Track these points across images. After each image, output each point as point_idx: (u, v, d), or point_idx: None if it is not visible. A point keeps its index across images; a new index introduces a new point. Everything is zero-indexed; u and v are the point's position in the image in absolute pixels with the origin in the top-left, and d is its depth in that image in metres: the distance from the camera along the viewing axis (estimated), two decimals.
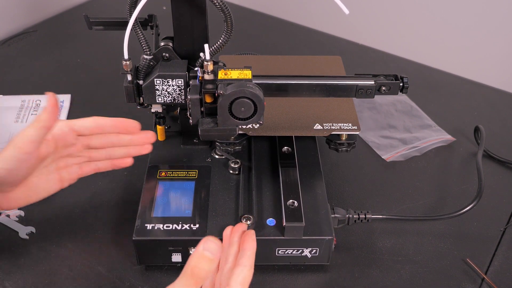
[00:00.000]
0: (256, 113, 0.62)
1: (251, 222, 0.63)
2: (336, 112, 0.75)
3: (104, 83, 1.00)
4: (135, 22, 0.64)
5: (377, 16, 1.51)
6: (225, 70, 0.63)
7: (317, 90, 0.67)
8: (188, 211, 0.65)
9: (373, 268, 0.67)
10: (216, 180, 0.70)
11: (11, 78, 1.02)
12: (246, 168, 0.72)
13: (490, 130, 0.92)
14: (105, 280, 0.64)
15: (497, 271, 0.68)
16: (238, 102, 0.61)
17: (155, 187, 0.68)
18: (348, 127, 0.72)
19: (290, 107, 0.76)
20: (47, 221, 0.71)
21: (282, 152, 0.73)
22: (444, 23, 1.43)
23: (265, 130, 0.72)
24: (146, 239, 0.62)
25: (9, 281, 0.64)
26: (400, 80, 0.66)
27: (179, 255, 0.64)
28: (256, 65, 0.84)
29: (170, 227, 0.63)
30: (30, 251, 0.67)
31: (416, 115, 0.95)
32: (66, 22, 1.23)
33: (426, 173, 0.83)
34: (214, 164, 0.72)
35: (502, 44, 1.38)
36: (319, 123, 0.73)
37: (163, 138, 0.76)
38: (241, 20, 1.25)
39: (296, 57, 0.89)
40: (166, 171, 0.71)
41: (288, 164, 0.70)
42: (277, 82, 0.66)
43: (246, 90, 0.60)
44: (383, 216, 0.70)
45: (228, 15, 0.62)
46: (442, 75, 1.08)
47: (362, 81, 0.67)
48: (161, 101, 0.67)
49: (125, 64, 0.64)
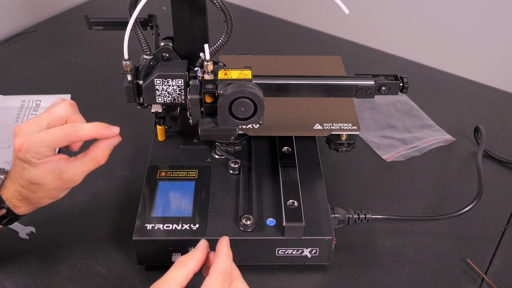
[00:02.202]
0: (256, 113, 0.62)
1: (251, 222, 0.62)
2: (336, 112, 0.75)
3: (104, 83, 1.00)
4: (135, 22, 0.64)
5: (377, 16, 1.51)
6: (225, 70, 0.63)
7: (317, 90, 0.67)
8: (188, 211, 0.65)
9: (373, 268, 0.67)
10: (216, 180, 0.70)
11: (11, 78, 1.02)
12: (246, 168, 0.72)
13: (490, 130, 0.92)
14: (105, 280, 0.64)
15: (497, 271, 0.68)
16: (238, 102, 0.61)
17: (155, 187, 0.68)
18: (348, 127, 0.72)
19: (290, 107, 0.76)
20: (47, 221, 0.71)
21: (282, 152, 0.72)
22: (444, 23, 1.43)
23: (265, 130, 0.72)
24: (146, 239, 0.62)
25: (9, 281, 0.64)
26: (400, 80, 0.66)
27: (179, 255, 0.63)
28: (256, 65, 0.84)
29: (170, 227, 0.63)
30: (30, 251, 0.67)
31: (416, 115, 0.95)
32: (66, 22, 1.23)
33: (426, 173, 0.83)
34: (214, 164, 0.72)
35: (502, 44, 1.38)
36: (319, 123, 0.73)
37: (163, 138, 0.76)
38: (241, 20, 1.25)
39: (296, 57, 0.89)
40: (166, 171, 0.71)
41: (288, 164, 0.70)
42: (277, 82, 0.66)
43: (246, 90, 0.60)
44: (383, 216, 0.70)
45: (228, 15, 0.62)
46: (442, 75, 1.08)
47: (362, 81, 0.67)
48: (161, 101, 0.67)
49: (125, 64, 0.64)
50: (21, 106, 0.92)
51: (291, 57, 0.89)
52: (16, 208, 0.60)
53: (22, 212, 0.61)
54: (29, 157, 0.56)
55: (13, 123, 0.88)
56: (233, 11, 0.63)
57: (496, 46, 1.39)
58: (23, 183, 0.58)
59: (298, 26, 1.24)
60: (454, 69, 1.09)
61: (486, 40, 1.40)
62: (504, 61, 1.40)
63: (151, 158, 0.73)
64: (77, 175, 0.59)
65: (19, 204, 0.60)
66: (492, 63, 1.41)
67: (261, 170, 0.71)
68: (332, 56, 0.90)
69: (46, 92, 0.96)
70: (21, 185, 0.58)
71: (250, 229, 0.63)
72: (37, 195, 0.59)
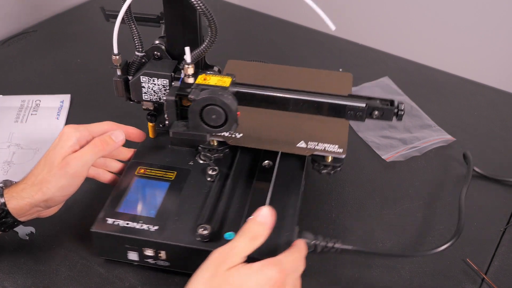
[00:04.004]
0: (227, 122, 0.60)
1: (208, 232, 0.60)
2: (326, 131, 0.71)
3: (104, 83, 1.00)
4: (130, 17, 0.65)
5: (377, 16, 1.51)
6: (206, 75, 0.63)
7: (304, 106, 0.63)
8: (153, 212, 0.64)
9: (373, 268, 0.67)
10: (191, 185, 0.68)
11: (11, 78, 1.02)
12: (223, 177, 0.70)
13: (490, 130, 0.92)
14: (105, 280, 0.64)
15: (497, 271, 0.68)
16: (209, 109, 0.60)
17: (130, 183, 0.68)
18: (334, 149, 0.68)
19: (281, 120, 0.72)
20: (46, 221, 0.71)
21: (262, 166, 0.70)
22: (444, 23, 1.43)
23: (246, 141, 0.69)
24: (103, 232, 0.62)
25: (9, 281, 0.64)
26: (395, 107, 0.62)
27: (135, 254, 0.63)
28: (260, 73, 0.82)
29: (129, 224, 0.62)
30: (30, 251, 0.67)
31: (416, 115, 0.95)
32: (66, 22, 1.23)
33: (426, 173, 0.83)
34: (195, 168, 0.70)
35: (502, 44, 1.38)
36: (304, 140, 0.69)
37: (153, 136, 0.75)
38: (241, 20, 1.25)
39: (306, 69, 0.85)
40: (146, 168, 0.70)
41: (263, 179, 0.68)
42: (262, 92, 0.63)
43: (216, 97, 0.59)
44: (352, 248, 0.62)
45: (211, 20, 0.60)
46: (442, 75, 1.08)
47: (353, 102, 0.62)
48: (147, 98, 0.68)
49: (114, 58, 0.64)
50: (21, 106, 0.92)
51: (301, 68, 0.85)
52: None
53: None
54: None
55: (12, 123, 0.88)
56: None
57: (496, 46, 1.39)
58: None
59: (298, 26, 1.24)
60: (454, 69, 1.09)
61: (486, 40, 1.40)
62: (504, 61, 1.40)
63: (137, 153, 0.73)
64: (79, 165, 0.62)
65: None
66: (492, 63, 1.41)
67: (236, 182, 0.69)
68: (344, 73, 0.86)
69: (46, 92, 0.96)
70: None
71: (206, 239, 0.61)
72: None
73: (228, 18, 1.24)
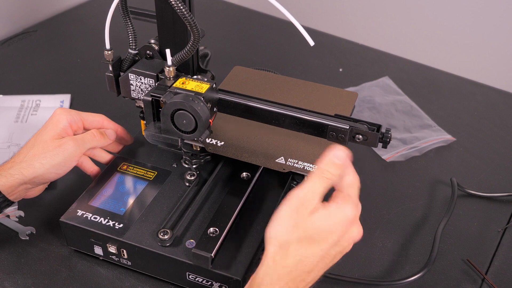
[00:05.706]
0: (197, 129, 0.60)
1: (168, 237, 0.59)
2: (311, 149, 0.68)
3: (103, 83, 0.99)
4: (126, 13, 0.65)
5: (377, 16, 1.51)
6: (186, 79, 0.62)
7: (286, 121, 0.62)
8: (123, 209, 0.64)
9: (373, 268, 0.67)
10: (167, 187, 0.68)
11: (11, 78, 1.02)
12: (201, 183, 0.68)
13: (490, 130, 0.92)
14: (105, 280, 0.64)
15: (497, 271, 0.68)
16: (179, 114, 0.59)
17: (109, 177, 0.68)
18: (312, 169, 0.65)
19: (265, 134, 0.70)
20: (46, 222, 0.71)
21: (240, 177, 0.68)
22: (444, 23, 1.43)
23: (226, 150, 0.68)
24: (70, 223, 0.63)
25: (9, 281, 0.64)
26: (380, 133, 0.59)
27: (100, 249, 0.63)
28: (262, 83, 0.80)
29: (97, 219, 0.63)
30: (30, 251, 0.67)
31: (416, 115, 0.95)
32: (66, 22, 1.23)
33: (426, 173, 0.83)
34: (176, 171, 0.70)
35: (502, 44, 1.38)
36: (284, 156, 0.67)
37: None
38: (241, 20, 1.25)
39: (311, 84, 0.82)
40: (128, 165, 0.70)
41: (237, 190, 0.66)
42: (245, 103, 0.63)
43: (186, 103, 0.58)
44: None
45: (192, 24, 0.58)
46: (442, 75, 1.08)
47: (336, 122, 0.60)
48: (135, 96, 0.69)
49: (106, 54, 0.65)
50: (21, 106, 0.92)
51: (306, 82, 0.82)
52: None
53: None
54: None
55: (13, 123, 0.88)
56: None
57: (496, 46, 1.39)
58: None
59: None
60: (454, 69, 1.09)
61: (486, 40, 1.40)
62: (504, 61, 1.40)
63: (124, 150, 0.73)
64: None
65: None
66: (492, 63, 1.41)
67: (212, 190, 0.67)
68: (350, 91, 0.83)
69: (46, 92, 0.96)
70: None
71: (167, 244, 0.60)
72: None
73: (228, 18, 1.24)
